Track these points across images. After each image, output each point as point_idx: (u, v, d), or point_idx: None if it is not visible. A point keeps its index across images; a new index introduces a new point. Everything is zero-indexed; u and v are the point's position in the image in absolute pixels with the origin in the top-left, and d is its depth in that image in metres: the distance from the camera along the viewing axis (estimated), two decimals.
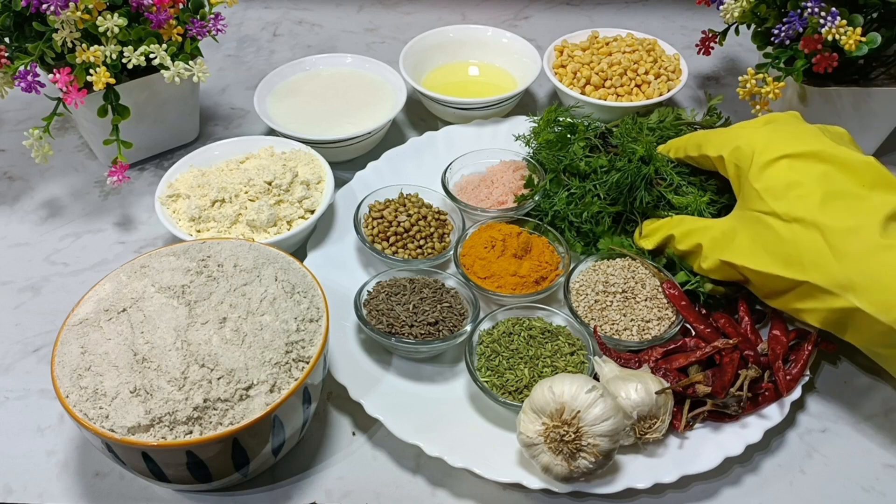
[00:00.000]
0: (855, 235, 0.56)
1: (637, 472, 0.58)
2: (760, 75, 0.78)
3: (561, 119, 0.81)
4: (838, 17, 0.73)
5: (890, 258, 0.55)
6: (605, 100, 0.89)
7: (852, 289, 0.56)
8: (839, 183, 0.59)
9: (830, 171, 0.60)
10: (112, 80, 0.74)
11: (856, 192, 0.59)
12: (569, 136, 0.79)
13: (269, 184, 0.76)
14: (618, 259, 0.71)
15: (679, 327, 0.67)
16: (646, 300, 0.68)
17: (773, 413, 0.61)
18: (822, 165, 0.60)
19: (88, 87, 0.75)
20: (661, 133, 0.78)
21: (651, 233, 0.71)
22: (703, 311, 0.68)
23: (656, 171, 0.73)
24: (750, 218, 0.63)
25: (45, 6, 0.70)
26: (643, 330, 0.66)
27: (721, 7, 0.86)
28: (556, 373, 0.62)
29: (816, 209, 0.58)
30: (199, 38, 0.80)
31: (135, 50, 0.75)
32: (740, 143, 0.65)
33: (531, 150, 0.82)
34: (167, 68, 0.76)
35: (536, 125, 0.82)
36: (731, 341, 0.63)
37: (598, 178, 0.74)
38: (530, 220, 0.76)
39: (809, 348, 0.64)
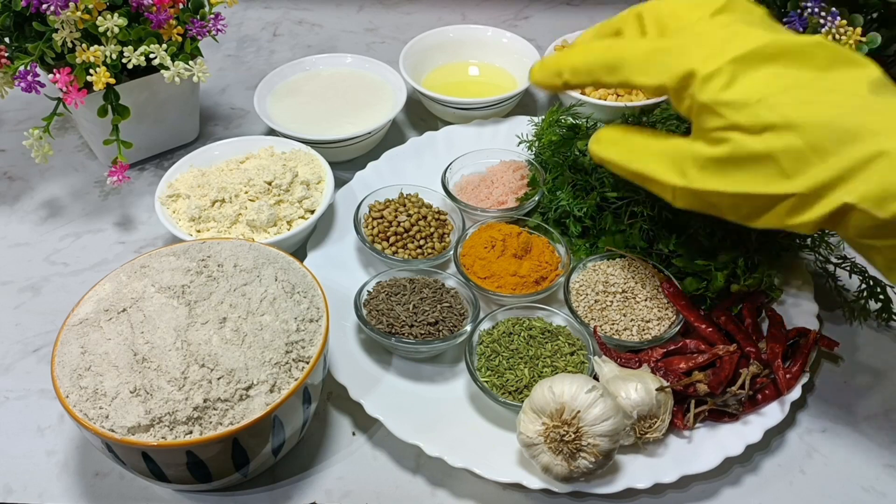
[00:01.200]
0: (834, 127, 0.49)
1: (637, 472, 0.58)
2: None
3: (563, 120, 0.81)
4: (838, 17, 0.73)
5: (868, 149, 0.48)
6: (605, 100, 0.89)
7: (842, 186, 0.49)
8: (798, 75, 0.52)
9: (784, 62, 0.52)
10: (112, 80, 0.74)
11: (816, 78, 0.52)
12: (573, 136, 0.79)
13: (269, 184, 0.76)
14: (618, 259, 0.71)
15: (679, 327, 0.67)
16: (646, 300, 0.68)
17: (774, 412, 0.61)
18: (773, 60, 0.52)
19: (88, 87, 0.75)
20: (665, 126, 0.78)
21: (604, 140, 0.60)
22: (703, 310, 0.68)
23: None
24: (711, 139, 0.54)
25: (45, 6, 0.70)
26: (643, 330, 0.66)
27: None
28: (556, 373, 0.62)
29: (788, 110, 0.50)
30: (199, 38, 0.80)
31: (135, 50, 0.75)
32: (678, 64, 0.54)
33: (533, 152, 0.82)
34: (167, 68, 0.76)
35: (538, 127, 0.82)
36: (730, 348, 0.63)
37: (604, 171, 0.74)
38: (531, 219, 0.76)
39: (809, 346, 0.64)
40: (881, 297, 0.71)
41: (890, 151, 0.48)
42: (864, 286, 0.71)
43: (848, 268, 0.72)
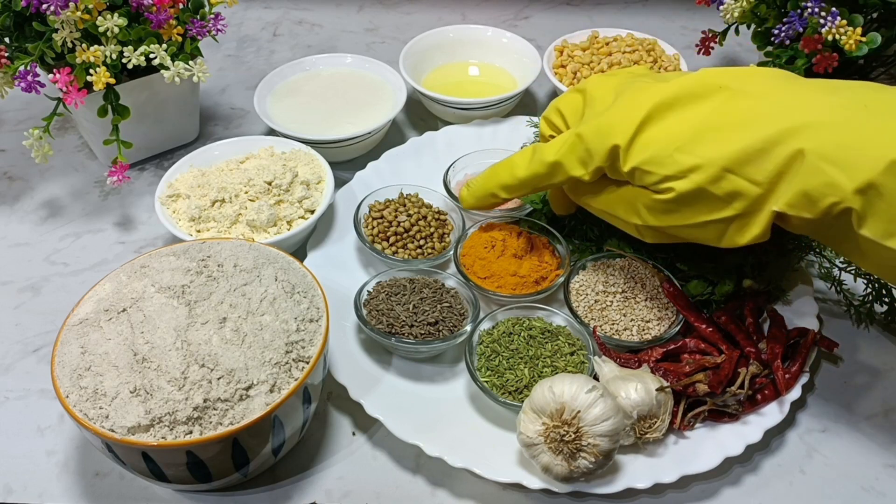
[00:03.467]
0: (746, 149, 0.54)
1: (637, 472, 0.58)
2: None
3: None
4: (838, 17, 0.73)
5: (782, 155, 0.53)
6: None
7: (771, 197, 0.54)
8: (701, 110, 0.57)
9: (684, 105, 0.57)
10: (112, 80, 0.74)
11: (717, 108, 0.56)
12: None
13: (269, 184, 0.76)
14: (618, 259, 0.71)
15: (679, 327, 0.67)
16: (646, 300, 0.68)
17: (773, 412, 0.61)
18: (674, 108, 0.57)
19: (88, 87, 0.75)
20: None
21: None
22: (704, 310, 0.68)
23: None
24: (654, 190, 0.59)
25: (45, 6, 0.70)
26: (643, 330, 0.66)
27: (721, 7, 0.86)
28: (556, 373, 0.62)
29: (701, 149, 0.55)
30: (199, 38, 0.80)
31: (135, 50, 0.75)
32: (600, 146, 0.59)
33: None
34: (167, 68, 0.76)
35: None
36: (718, 360, 0.63)
37: None
38: (531, 219, 0.76)
39: (808, 347, 0.64)
40: (887, 299, 0.71)
41: (805, 150, 0.52)
42: (869, 289, 0.71)
43: (853, 271, 0.72)
